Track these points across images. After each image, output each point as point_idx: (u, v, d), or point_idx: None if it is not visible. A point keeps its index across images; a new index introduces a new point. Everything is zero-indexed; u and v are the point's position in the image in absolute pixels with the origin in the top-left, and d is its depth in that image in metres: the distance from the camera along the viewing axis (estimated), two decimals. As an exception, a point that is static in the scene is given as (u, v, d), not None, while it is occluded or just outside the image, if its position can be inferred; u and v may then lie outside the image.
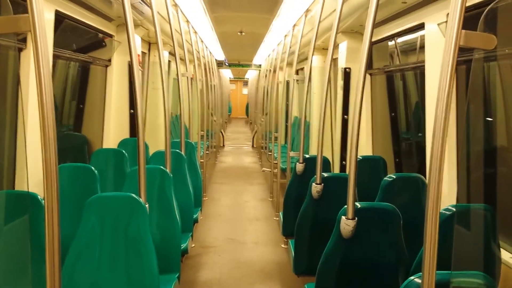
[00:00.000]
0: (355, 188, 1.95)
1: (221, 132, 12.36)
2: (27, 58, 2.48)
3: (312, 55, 3.60)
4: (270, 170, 7.01)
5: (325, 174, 2.73)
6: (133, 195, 2.07)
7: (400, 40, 3.78)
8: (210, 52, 9.14)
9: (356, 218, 1.89)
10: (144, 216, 2.03)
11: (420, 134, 3.87)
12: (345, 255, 1.96)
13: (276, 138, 6.80)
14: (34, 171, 2.50)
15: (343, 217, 1.90)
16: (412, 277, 1.24)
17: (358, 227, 1.89)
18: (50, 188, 1.14)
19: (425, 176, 2.61)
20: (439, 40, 2.57)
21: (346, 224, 1.88)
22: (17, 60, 2.50)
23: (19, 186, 2.53)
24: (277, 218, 5.37)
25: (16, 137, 2.54)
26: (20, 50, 2.48)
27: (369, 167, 3.19)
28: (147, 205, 2.08)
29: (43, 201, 2.04)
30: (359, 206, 1.93)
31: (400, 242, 1.93)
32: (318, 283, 2.07)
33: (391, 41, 3.84)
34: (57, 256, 1.17)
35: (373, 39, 3.72)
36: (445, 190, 2.52)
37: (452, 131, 2.52)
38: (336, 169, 4.35)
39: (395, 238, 1.93)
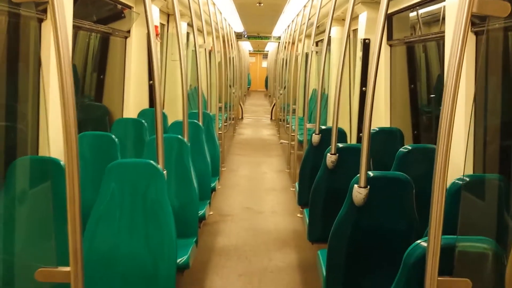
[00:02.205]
0: (368, 157, 1.98)
1: (240, 105, 12.38)
2: (48, 29, 2.53)
3: (331, 26, 3.55)
4: (287, 142, 7.04)
5: (340, 145, 2.75)
6: (152, 161, 2.14)
7: (422, 11, 3.69)
8: (228, 24, 9.07)
9: (369, 187, 1.92)
10: (162, 181, 2.11)
11: (440, 108, 3.82)
12: (356, 223, 2.00)
13: (294, 111, 6.79)
14: (57, 138, 2.60)
15: (356, 185, 1.93)
16: (418, 241, 1.28)
17: (370, 196, 1.92)
18: (70, 153, 1.20)
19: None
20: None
21: (358, 192, 1.91)
22: (38, 30, 2.56)
23: (42, 153, 2.63)
24: (294, 189, 5.43)
25: (38, 106, 2.63)
26: (41, 20, 2.53)
27: (386, 139, 3.19)
28: (165, 172, 2.16)
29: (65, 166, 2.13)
30: (371, 174, 1.96)
31: (412, 211, 1.96)
32: (330, 249, 2.13)
33: (413, 11, 3.75)
34: (78, 220, 1.24)
35: (394, 9, 3.64)
36: (459, 161, 2.51)
37: (469, 102, 2.49)
38: (353, 141, 4.36)
39: (407, 207, 1.96)
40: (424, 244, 1.25)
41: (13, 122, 2.55)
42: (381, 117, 3.94)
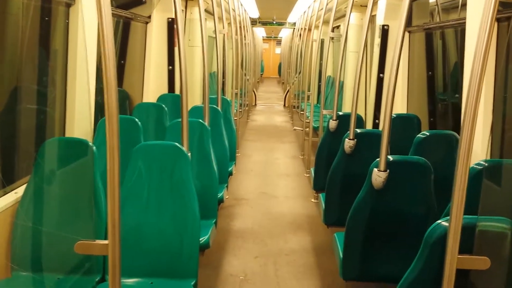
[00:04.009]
0: (388, 141, 2.02)
1: (254, 91, 12.41)
2: (75, 14, 2.60)
3: (351, 11, 3.56)
4: (301, 129, 7.08)
5: (358, 130, 2.79)
6: (177, 144, 2.22)
7: (442, -3, 3.68)
8: (244, 10, 9.06)
9: (388, 171, 1.97)
10: (187, 163, 2.18)
11: (457, 95, 3.83)
12: (375, 206, 2.06)
13: (308, 97, 6.82)
14: (82, 122, 2.69)
15: (375, 169, 1.98)
16: (439, 221, 1.33)
17: (389, 179, 1.97)
18: (111, 132, 1.27)
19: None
20: (482, -4, 2.51)
21: (378, 176, 1.96)
22: (66, 15, 2.63)
23: (69, 134, 2.72)
24: (308, 175, 5.50)
25: (66, 90, 2.71)
26: (69, 5, 2.60)
27: (403, 125, 3.22)
28: (189, 154, 2.23)
29: (94, 147, 2.22)
30: (391, 159, 2.00)
31: (430, 195, 2.01)
32: (348, 232, 2.19)
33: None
34: (117, 195, 1.30)
35: (414, -5, 3.63)
36: (477, 147, 2.54)
37: (489, 90, 2.50)
38: (369, 128, 4.38)
39: (426, 191, 2.01)
40: (445, 223, 1.30)
41: (42, 105, 2.65)
42: (398, 103, 3.96)
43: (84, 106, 2.69)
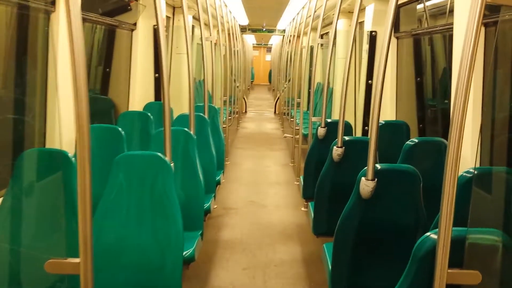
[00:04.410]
0: (376, 149, 1.97)
1: (244, 99, 12.37)
2: (56, 21, 2.53)
3: (338, 18, 3.53)
4: (291, 136, 7.03)
5: (347, 138, 2.74)
6: (159, 154, 2.14)
7: (429, 3, 3.67)
8: (234, 17, 9.03)
9: (376, 179, 1.92)
10: (169, 174, 2.11)
11: (446, 101, 3.81)
12: (363, 216, 2.00)
13: (298, 104, 6.78)
14: (67, 131, 2.60)
15: (363, 178, 1.92)
16: (428, 233, 1.27)
17: (377, 188, 1.92)
18: (82, 146, 1.20)
19: (448, 142, 2.60)
20: (469, 1, 2.48)
21: (366, 185, 1.91)
22: (46, 22, 2.56)
23: (50, 145, 2.64)
24: (298, 183, 5.44)
25: (46, 98, 2.63)
26: (49, 12, 2.53)
27: (392, 132, 3.18)
28: (172, 164, 2.16)
29: (73, 158, 2.14)
30: (379, 167, 1.95)
31: (419, 204, 1.96)
32: (336, 242, 2.13)
33: (420, 3, 3.72)
34: (88, 212, 1.24)
35: (402, 1, 3.61)
36: (467, 154, 2.50)
37: (478, 95, 2.47)
38: (358, 135, 4.34)
39: (415, 200, 1.95)
40: (434, 236, 1.24)
41: (20, 115, 2.56)
42: (386, 110, 3.93)
43: (67, 114, 2.61)
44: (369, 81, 4.17)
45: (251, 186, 5.45)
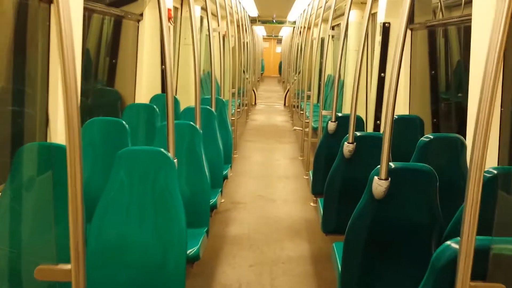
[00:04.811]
0: (389, 147, 1.87)
1: (253, 90, 12.26)
2: (56, 12, 2.45)
3: (350, 9, 3.40)
4: (301, 129, 6.93)
5: (358, 133, 2.64)
6: (162, 149, 2.06)
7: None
8: (243, 8, 8.90)
9: (390, 179, 1.81)
10: (172, 170, 2.03)
11: (460, 95, 3.67)
12: (376, 217, 1.90)
13: (308, 97, 6.66)
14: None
15: (376, 177, 1.82)
16: (448, 242, 1.17)
17: (391, 188, 1.81)
18: (72, 138, 1.12)
19: (464, 137, 2.48)
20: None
21: (379, 185, 1.80)
22: (47, 12, 2.48)
23: (53, 139, 2.57)
24: (307, 177, 5.34)
25: (48, 90, 2.56)
26: (50, 2, 2.45)
27: (405, 127, 3.06)
28: (175, 160, 2.08)
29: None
30: (393, 166, 1.85)
31: (435, 205, 1.85)
32: (347, 243, 2.03)
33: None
34: (80, 214, 1.16)
35: (416, -9, 3.47)
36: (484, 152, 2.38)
37: (498, 91, 2.34)
38: (370, 129, 4.22)
39: (430, 201, 1.85)
40: (455, 245, 1.14)
41: (21, 107, 2.49)
42: (399, 104, 3.80)
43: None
44: (382, 74, 4.04)
45: (259, 179, 5.37)
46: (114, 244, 2.05)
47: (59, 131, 2.49)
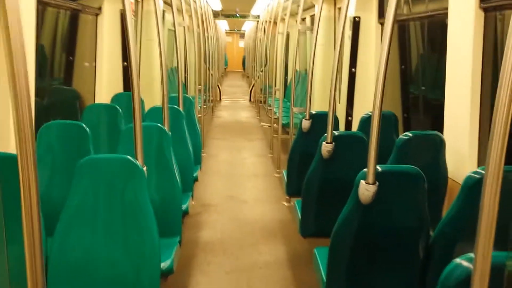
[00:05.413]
0: (377, 149, 1.76)
1: (218, 86, 12.05)
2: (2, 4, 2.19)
3: (322, 2, 3.29)
4: (269, 125, 6.81)
5: (336, 133, 2.53)
6: (129, 157, 1.87)
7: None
8: (206, 2, 8.66)
9: (377, 183, 1.71)
10: (141, 180, 1.85)
11: (428, 89, 3.66)
12: (362, 222, 1.80)
13: (276, 92, 6.55)
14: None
15: (363, 182, 1.71)
16: (458, 260, 1.07)
17: (378, 192, 1.71)
18: (24, 145, 0.94)
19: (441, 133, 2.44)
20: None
21: (366, 189, 1.70)
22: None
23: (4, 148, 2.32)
24: (278, 175, 5.24)
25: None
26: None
27: (380, 124, 2.99)
28: (144, 168, 1.89)
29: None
30: (380, 169, 1.74)
31: (424, 208, 1.77)
32: (333, 250, 1.92)
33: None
34: (37, 229, 0.99)
35: (387, -15, 3.41)
36: (464, 151, 2.34)
37: (476, 90, 2.31)
38: (342, 126, 4.15)
39: (418, 204, 1.76)
40: (466, 264, 1.04)
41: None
42: (370, 100, 3.74)
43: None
44: (353, 69, 3.97)
45: (229, 179, 5.21)
46: (80, 260, 1.85)
47: (12, 138, 2.24)
